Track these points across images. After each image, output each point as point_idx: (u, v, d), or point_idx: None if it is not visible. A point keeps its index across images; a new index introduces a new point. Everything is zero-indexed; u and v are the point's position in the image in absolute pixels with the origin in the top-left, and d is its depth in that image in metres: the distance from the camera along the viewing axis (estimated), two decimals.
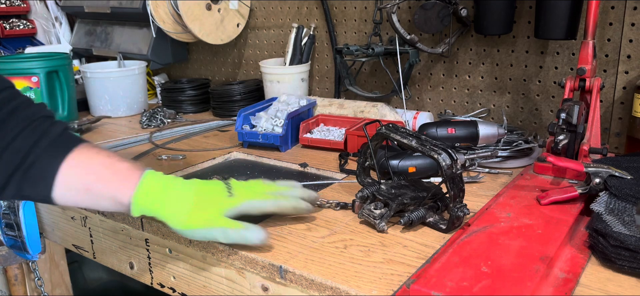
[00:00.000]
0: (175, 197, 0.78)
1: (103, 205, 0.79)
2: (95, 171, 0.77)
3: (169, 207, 0.78)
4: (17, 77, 1.50)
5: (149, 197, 0.77)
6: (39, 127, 0.75)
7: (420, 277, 0.67)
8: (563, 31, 1.12)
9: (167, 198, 0.78)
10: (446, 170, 0.78)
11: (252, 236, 0.78)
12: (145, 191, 0.77)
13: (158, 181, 0.79)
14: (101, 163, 0.77)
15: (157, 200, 0.77)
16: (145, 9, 1.68)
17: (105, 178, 0.77)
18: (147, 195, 0.77)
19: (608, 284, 0.68)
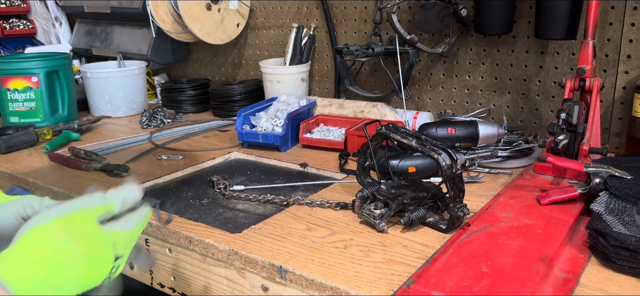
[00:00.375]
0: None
1: None
2: None
3: None
4: (17, 77, 1.51)
5: None
6: None
7: (420, 277, 0.67)
8: (563, 31, 1.12)
9: None
10: (446, 170, 0.78)
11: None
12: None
13: None
14: None
15: None
16: (145, 9, 1.68)
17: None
18: None
19: (608, 284, 0.68)
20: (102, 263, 0.61)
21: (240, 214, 0.96)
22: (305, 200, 0.95)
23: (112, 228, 0.63)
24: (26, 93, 1.51)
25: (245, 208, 0.98)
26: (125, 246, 0.65)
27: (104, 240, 0.62)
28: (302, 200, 0.95)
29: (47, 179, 1.15)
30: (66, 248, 0.58)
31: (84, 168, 1.19)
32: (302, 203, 0.95)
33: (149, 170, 1.18)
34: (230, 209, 0.98)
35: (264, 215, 0.93)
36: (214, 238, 0.84)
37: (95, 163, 1.18)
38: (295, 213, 0.92)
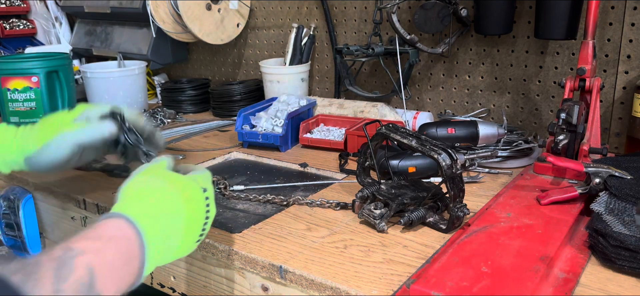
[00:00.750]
0: None
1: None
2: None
3: None
4: (17, 77, 1.50)
5: None
6: None
7: (420, 277, 0.67)
8: (563, 31, 1.12)
9: None
10: (446, 170, 0.78)
11: None
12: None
13: None
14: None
15: None
16: (145, 9, 1.68)
17: None
18: None
19: (608, 284, 0.68)
20: (195, 195, 0.68)
21: (240, 214, 0.96)
22: (305, 200, 0.95)
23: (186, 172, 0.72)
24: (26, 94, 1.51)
25: (245, 208, 0.98)
26: (204, 181, 0.71)
27: (185, 178, 0.70)
28: (302, 200, 0.95)
29: (47, 179, 1.15)
30: (161, 183, 0.66)
31: (83, 168, 1.19)
32: (302, 203, 0.95)
33: None
34: (230, 209, 0.98)
35: (264, 215, 0.93)
36: (214, 238, 0.84)
37: (95, 163, 1.18)
38: (295, 213, 0.92)
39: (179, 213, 0.65)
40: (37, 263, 0.50)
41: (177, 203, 0.65)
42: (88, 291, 0.51)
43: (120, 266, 0.56)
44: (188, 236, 0.67)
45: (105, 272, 0.54)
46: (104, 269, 0.54)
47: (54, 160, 0.87)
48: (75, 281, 0.50)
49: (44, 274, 0.49)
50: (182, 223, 0.65)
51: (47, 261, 0.51)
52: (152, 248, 0.60)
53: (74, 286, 0.50)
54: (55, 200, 1.12)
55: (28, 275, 0.48)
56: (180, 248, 0.66)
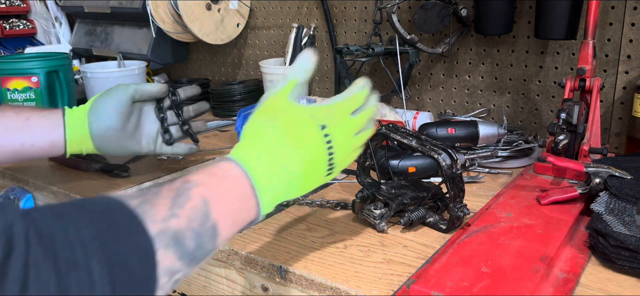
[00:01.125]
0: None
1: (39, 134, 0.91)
2: (26, 108, 0.92)
3: None
4: (17, 77, 1.50)
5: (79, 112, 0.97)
6: None
7: (420, 277, 0.67)
8: (563, 31, 1.12)
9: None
10: (446, 170, 0.78)
11: None
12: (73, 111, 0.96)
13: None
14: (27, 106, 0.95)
15: None
16: (145, 9, 1.68)
17: (38, 108, 0.95)
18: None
19: (608, 284, 0.68)
20: (308, 134, 0.65)
21: None
22: (305, 200, 0.95)
23: (310, 104, 0.68)
24: (26, 93, 1.51)
25: None
26: (326, 116, 0.66)
27: (300, 111, 0.66)
28: (302, 200, 0.95)
29: (47, 179, 1.15)
30: (272, 127, 0.64)
31: (83, 168, 1.19)
32: (302, 203, 0.95)
33: (149, 170, 1.18)
34: None
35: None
36: None
37: (95, 163, 1.18)
38: (295, 213, 0.92)
39: (290, 157, 0.63)
40: (156, 193, 0.52)
41: (288, 149, 0.63)
42: (203, 218, 0.53)
43: (234, 202, 0.58)
44: (310, 175, 0.65)
45: (220, 204, 0.56)
46: (218, 201, 0.55)
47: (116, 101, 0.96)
48: (190, 208, 0.52)
49: (161, 201, 0.51)
50: (297, 165, 0.63)
51: (166, 190, 0.53)
52: (264, 192, 0.60)
53: (189, 213, 0.52)
54: (55, 200, 1.12)
55: (145, 201, 0.50)
56: (303, 185, 0.65)
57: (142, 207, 0.49)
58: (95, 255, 0.42)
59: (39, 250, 0.40)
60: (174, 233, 0.49)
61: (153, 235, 0.48)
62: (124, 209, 0.48)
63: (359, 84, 0.71)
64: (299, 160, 0.63)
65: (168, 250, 0.49)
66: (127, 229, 0.47)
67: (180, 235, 0.50)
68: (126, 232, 0.47)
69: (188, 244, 0.51)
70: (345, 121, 0.68)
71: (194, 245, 0.51)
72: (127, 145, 1.00)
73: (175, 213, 0.51)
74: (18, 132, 0.90)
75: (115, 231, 0.46)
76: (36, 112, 0.94)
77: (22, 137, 0.91)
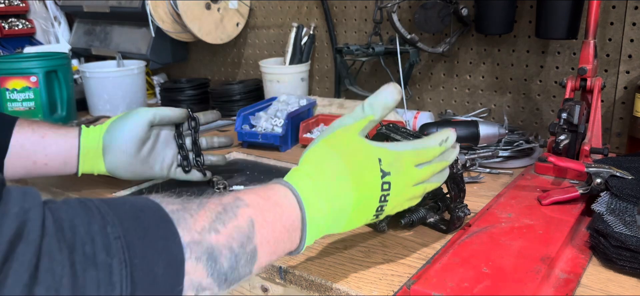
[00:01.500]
0: None
1: (56, 151, 0.91)
2: (43, 124, 0.92)
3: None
4: (16, 77, 1.50)
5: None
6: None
7: (421, 278, 0.66)
8: (564, 31, 1.12)
9: None
10: None
11: None
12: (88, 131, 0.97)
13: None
14: (44, 122, 0.93)
15: None
16: (144, 8, 1.68)
17: (55, 127, 0.93)
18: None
19: (609, 284, 0.68)
20: (369, 178, 0.61)
21: None
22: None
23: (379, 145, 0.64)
24: (25, 93, 1.51)
25: None
26: (391, 163, 0.63)
27: (366, 151, 0.63)
28: None
29: (47, 179, 1.14)
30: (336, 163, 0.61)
31: None
32: None
33: None
34: None
35: None
36: None
37: None
38: None
39: (345, 196, 0.61)
40: (201, 203, 0.50)
41: (345, 189, 0.60)
42: (245, 240, 0.51)
43: (280, 231, 0.56)
44: (356, 216, 0.63)
45: (265, 230, 0.53)
46: (264, 227, 0.54)
47: (133, 127, 0.94)
48: (234, 226, 0.50)
49: (203, 213, 0.49)
50: (349, 205, 0.61)
51: (213, 203, 0.51)
52: (312, 225, 0.58)
53: (232, 231, 0.50)
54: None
55: (185, 209, 0.48)
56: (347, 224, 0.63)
57: (179, 214, 0.47)
58: (117, 255, 0.40)
59: (54, 241, 0.38)
60: (209, 247, 0.47)
61: (185, 243, 0.45)
62: (158, 211, 0.46)
63: (443, 136, 0.68)
64: (353, 200, 0.61)
65: (199, 262, 0.46)
66: (157, 232, 0.45)
67: (216, 251, 0.48)
68: (156, 235, 0.44)
69: (222, 262, 0.48)
70: (408, 172, 0.65)
71: (228, 265, 0.49)
72: (140, 171, 0.97)
73: (215, 228, 0.49)
74: (33, 149, 0.89)
75: (144, 232, 0.44)
76: (52, 130, 0.92)
77: (36, 155, 0.89)
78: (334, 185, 0.60)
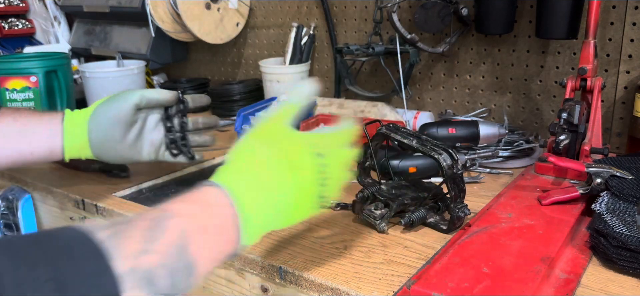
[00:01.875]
0: None
1: (37, 142, 0.89)
2: (26, 113, 0.90)
3: None
4: (16, 77, 1.50)
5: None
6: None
7: (421, 278, 0.66)
8: (564, 31, 1.11)
9: None
10: (447, 171, 0.78)
11: None
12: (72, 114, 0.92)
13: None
14: (27, 111, 0.91)
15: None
16: (144, 8, 1.68)
17: (37, 115, 0.91)
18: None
19: (609, 285, 0.68)
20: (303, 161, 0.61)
21: None
22: None
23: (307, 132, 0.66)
24: (25, 93, 1.51)
25: None
26: (324, 145, 0.64)
27: (297, 138, 0.63)
28: None
29: (46, 179, 1.15)
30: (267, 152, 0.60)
31: (82, 168, 1.18)
32: None
33: (148, 170, 1.18)
34: None
35: None
36: None
37: (94, 163, 1.18)
38: None
39: (282, 186, 0.59)
40: (130, 222, 0.48)
41: (281, 176, 0.59)
42: (179, 255, 0.48)
43: (216, 234, 0.53)
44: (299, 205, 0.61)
45: (199, 238, 0.51)
46: (197, 235, 0.51)
47: (118, 112, 0.93)
48: (165, 243, 0.48)
49: (134, 233, 0.46)
50: (289, 194, 0.59)
51: (140, 221, 0.48)
52: (250, 222, 0.56)
53: (164, 248, 0.47)
54: (53, 201, 1.12)
55: (116, 233, 0.46)
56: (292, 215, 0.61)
57: (111, 241, 0.44)
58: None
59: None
60: (145, 272, 0.45)
61: (121, 274, 0.43)
62: (88, 244, 0.43)
63: (347, 122, 0.70)
64: (292, 188, 0.60)
65: (137, 289, 0.44)
66: (90, 268, 0.42)
67: (152, 274, 0.45)
68: (88, 272, 0.41)
69: (161, 283, 0.46)
70: (341, 152, 0.66)
71: (166, 283, 0.47)
72: (127, 154, 0.97)
73: (147, 249, 0.46)
74: (15, 139, 0.88)
75: (76, 270, 0.41)
76: (35, 118, 0.91)
77: (20, 144, 0.89)
78: (268, 176, 0.59)
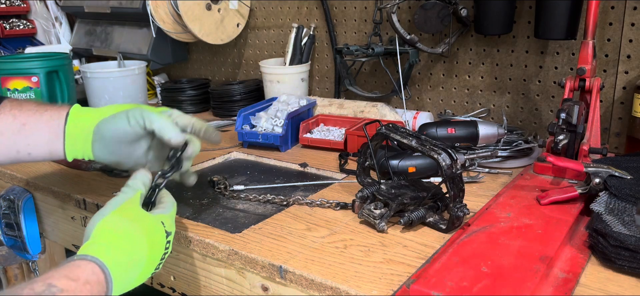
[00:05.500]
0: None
1: (36, 141, 0.85)
2: (29, 107, 0.86)
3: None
4: (17, 77, 1.50)
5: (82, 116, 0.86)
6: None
7: (420, 277, 0.67)
8: (563, 31, 1.12)
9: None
10: (446, 170, 0.78)
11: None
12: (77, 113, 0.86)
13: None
14: (32, 104, 0.87)
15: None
16: (145, 8, 1.68)
17: (40, 110, 0.86)
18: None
19: (608, 284, 0.68)
20: (158, 238, 0.73)
21: (240, 214, 0.96)
22: (305, 200, 0.95)
23: (156, 213, 0.76)
24: (26, 94, 1.51)
25: (245, 208, 0.98)
26: (170, 224, 0.76)
27: (153, 220, 0.73)
28: (302, 200, 0.95)
29: (47, 179, 1.15)
30: (130, 227, 0.69)
31: (83, 168, 1.19)
32: (302, 203, 0.95)
33: None
34: (230, 209, 0.98)
35: (264, 215, 0.93)
36: (214, 238, 0.84)
37: (95, 163, 1.18)
38: (295, 213, 0.92)
39: (142, 258, 0.70)
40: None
41: (143, 250, 0.70)
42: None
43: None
44: (145, 272, 0.72)
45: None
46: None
47: (124, 130, 0.85)
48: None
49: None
50: (143, 264, 0.70)
51: (27, 294, 0.55)
52: (115, 290, 0.66)
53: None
54: (55, 200, 1.12)
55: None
56: (136, 281, 0.71)
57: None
58: None
59: None
60: None
61: None
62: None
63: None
64: (145, 260, 0.70)
65: None
66: None
67: None
68: None
69: None
70: (174, 228, 0.78)
71: None
72: (127, 165, 0.91)
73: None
74: (14, 138, 0.84)
75: None
76: (35, 116, 0.85)
77: (18, 144, 0.85)
78: (136, 250, 0.69)
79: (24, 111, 0.86)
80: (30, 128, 0.85)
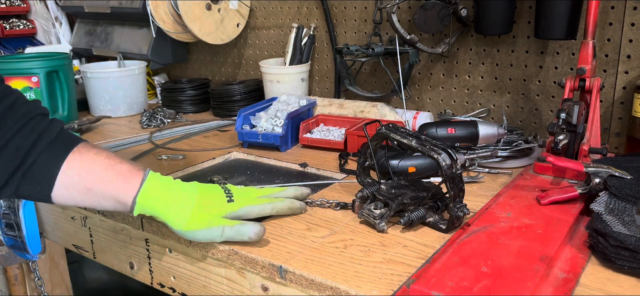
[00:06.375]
0: (177, 200, 0.79)
1: (103, 204, 0.79)
2: (96, 171, 0.77)
3: (171, 209, 0.78)
4: (17, 77, 1.51)
5: (152, 199, 0.77)
6: (37, 125, 0.74)
7: (420, 277, 0.67)
8: (563, 31, 1.12)
9: (170, 200, 0.79)
10: (446, 170, 0.78)
11: (249, 230, 0.79)
12: (148, 193, 0.77)
13: (161, 183, 0.80)
14: (102, 164, 0.78)
15: (160, 202, 0.78)
16: (145, 9, 1.68)
17: (107, 178, 0.77)
18: (150, 197, 0.77)
19: (608, 284, 0.68)
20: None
21: None
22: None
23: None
24: (26, 94, 1.51)
25: None
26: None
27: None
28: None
29: None
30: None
31: None
32: None
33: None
34: None
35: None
36: None
37: None
38: None
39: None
40: None
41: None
42: None
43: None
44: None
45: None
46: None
47: (212, 240, 0.82)
48: None
49: None
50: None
51: None
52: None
53: None
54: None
55: None
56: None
57: None
58: None
59: None
60: None
61: None
62: None
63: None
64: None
65: None
66: None
67: None
68: None
69: None
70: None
71: None
72: None
73: None
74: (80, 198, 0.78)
75: None
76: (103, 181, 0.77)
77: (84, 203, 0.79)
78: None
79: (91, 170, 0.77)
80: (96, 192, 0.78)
